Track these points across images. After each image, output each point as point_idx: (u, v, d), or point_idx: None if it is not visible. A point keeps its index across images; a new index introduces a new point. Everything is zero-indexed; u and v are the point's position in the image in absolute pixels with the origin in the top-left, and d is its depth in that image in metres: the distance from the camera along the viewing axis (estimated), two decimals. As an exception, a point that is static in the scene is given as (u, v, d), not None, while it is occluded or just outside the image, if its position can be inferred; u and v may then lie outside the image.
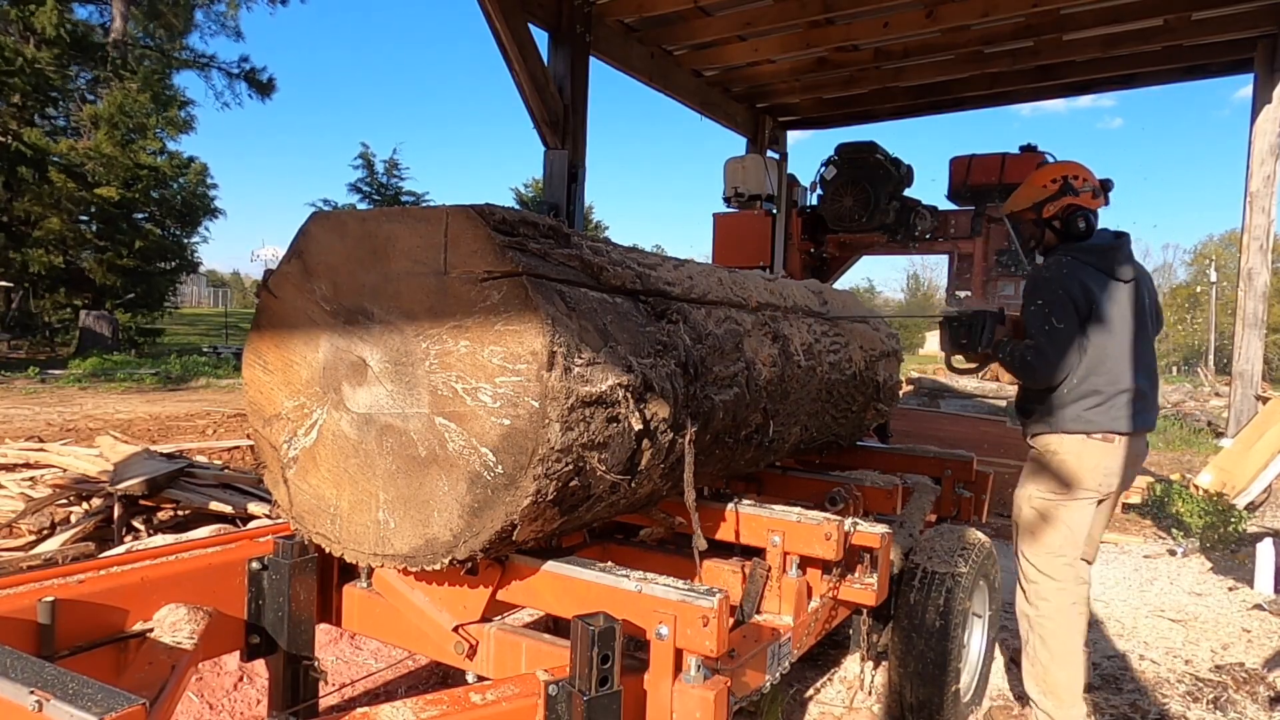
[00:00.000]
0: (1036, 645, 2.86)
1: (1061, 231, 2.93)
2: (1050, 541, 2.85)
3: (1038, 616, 2.87)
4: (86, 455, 5.16)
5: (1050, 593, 2.86)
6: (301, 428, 1.95)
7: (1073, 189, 2.90)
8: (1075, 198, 2.90)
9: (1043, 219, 2.95)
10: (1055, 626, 2.84)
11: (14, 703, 1.24)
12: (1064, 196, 2.91)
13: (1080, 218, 2.88)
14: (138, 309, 20.94)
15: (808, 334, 2.87)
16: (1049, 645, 2.84)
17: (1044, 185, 2.95)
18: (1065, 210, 2.90)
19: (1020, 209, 3.02)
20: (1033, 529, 2.89)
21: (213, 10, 26.21)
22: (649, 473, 1.99)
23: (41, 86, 17.98)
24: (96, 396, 11.39)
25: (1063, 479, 2.82)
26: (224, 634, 2.10)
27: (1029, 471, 2.94)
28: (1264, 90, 6.87)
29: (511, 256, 1.66)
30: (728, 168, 7.86)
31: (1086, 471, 2.79)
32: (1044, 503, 2.85)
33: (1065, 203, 2.90)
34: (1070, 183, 2.91)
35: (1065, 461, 2.81)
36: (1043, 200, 2.95)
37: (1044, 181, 2.96)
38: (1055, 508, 2.84)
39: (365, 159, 26.61)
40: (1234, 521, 5.65)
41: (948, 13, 6.76)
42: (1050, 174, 2.97)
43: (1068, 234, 2.91)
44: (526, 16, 6.18)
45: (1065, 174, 2.94)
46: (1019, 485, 2.97)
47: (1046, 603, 2.86)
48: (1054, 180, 2.94)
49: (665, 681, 1.71)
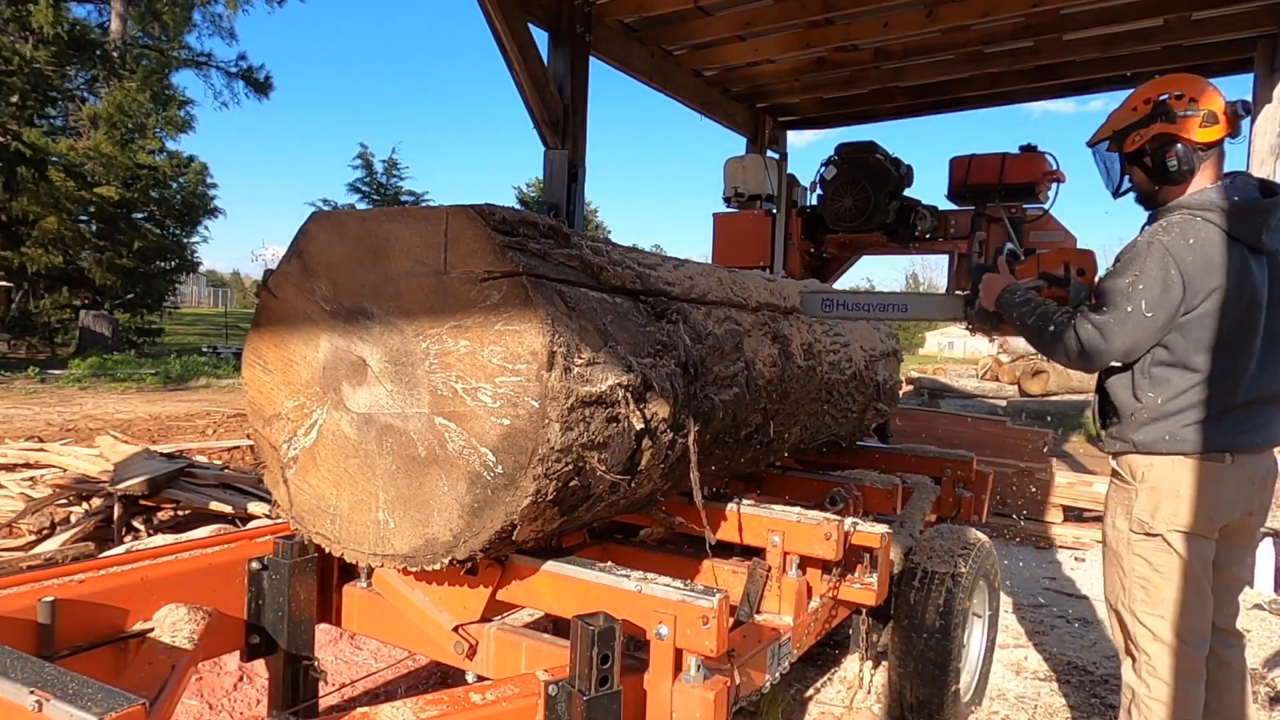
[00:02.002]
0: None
1: (1154, 171, 2.25)
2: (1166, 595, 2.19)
3: (1148, 697, 2.20)
4: (86, 455, 5.16)
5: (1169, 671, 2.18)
6: (301, 428, 1.95)
7: (1169, 113, 2.20)
8: (1171, 125, 2.19)
9: (1126, 153, 2.29)
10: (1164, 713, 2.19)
11: (14, 703, 1.24)
12: (1156, 122, 2.21)
13: (1172, 154, 2.19)
14: (137, 309, 20.95)
15: (807, 334, 2.87)
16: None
17: (1133, 108, 2.29)
18: (1156, 143, 2.22)
19: (1105, 136, 2.36)
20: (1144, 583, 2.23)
21: (209, 10, 26.24)
22: (649, 472, 1.99)
23: (40, 86, 17.97)
24: (96, 396, 11.38)
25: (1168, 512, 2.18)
26: (224, 634, 2.10)
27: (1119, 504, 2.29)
28: (1264, 90, 6.86)
29: (511, 256, 1.66)
30: (728, 168, 7.85)
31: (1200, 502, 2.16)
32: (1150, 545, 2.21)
33: (1157, 130, 2.21)
34: (1167, 105, 2.21)
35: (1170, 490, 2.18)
36: (1126, 127, 2.28)
37: (1135, 103, 2.30)
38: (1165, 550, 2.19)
39: (364, 159, 26.61)
40: (1234, 521, 5.63)
41: (948, 13, 6.75)
42: (1146, 93, 2.30)
43: (1163, 177, 2.23)
44: (526, 16, 6.17)
45: (1164, 92, 2.24)
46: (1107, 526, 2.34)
47: (1163, 685, 2.18)
48: (1146, 101, 2.26)
49: (665, 681, 1.71)
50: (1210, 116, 2.20)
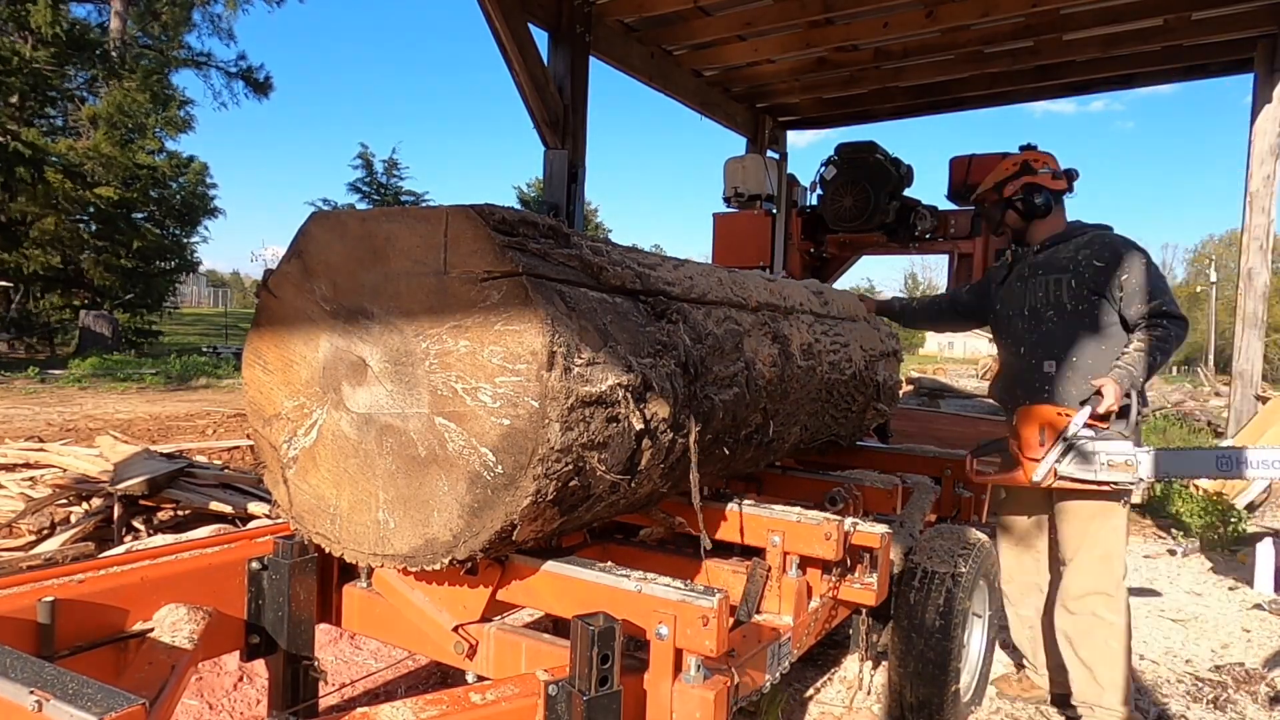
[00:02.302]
0: (1118, 654, 2.83)
1: (1022, 211, 3.10)
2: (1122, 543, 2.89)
3: (1123, 626, 2.85)
4: (86, 455, 5.16)
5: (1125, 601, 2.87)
6: (301, 428, 1.95)
7: (1031, 169, 3.10)
8: (1034, 177, 3.08)
9: (1003, 198, 3.13)
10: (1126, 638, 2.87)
11: (14, 703, 1.23)
12: (1022, 176, 3.09)
13: (1037, 193, 3.06)
14: (137, 309, 20.94)
15: (807, 334, 2.86)
16: (1125, 656, 2.85)
17: (1005, 169, 3.16)
18: (1023, 189, 3.08)
19: (984, 190, 3.22)
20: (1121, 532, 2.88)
21: (208, 10, 26.25)
22: (649, 473, 1.99)
23: (39, 86, 17.96)
24: (96, 396, 11.38)
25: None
26: (224, 634, 2.10)
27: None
28: (1264, 90, 6.86)
29: (511, 256, 1.66)
30: (728, 168, 7.85)
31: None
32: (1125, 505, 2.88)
33: (1024, 181, 3.08)
34: (1030, 164, 3.11)
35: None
36: (1003, 180, 3.14)
37: (1006, 166, 3.17)
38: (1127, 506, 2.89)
39: (365, 159, 26.65)
40: (1234, 521, 5.65)
41: (948, 13, 6.75)
42: (1013, 160, 3.17)
43: (1029, 213, 3.08)
44: (526, 16, 6.17)
45: (1025, 159, 3.15)
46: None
47: (1125, 613, 2.86)
48: (1014, 164, 3.14)
49: (665, 681, 1.71)
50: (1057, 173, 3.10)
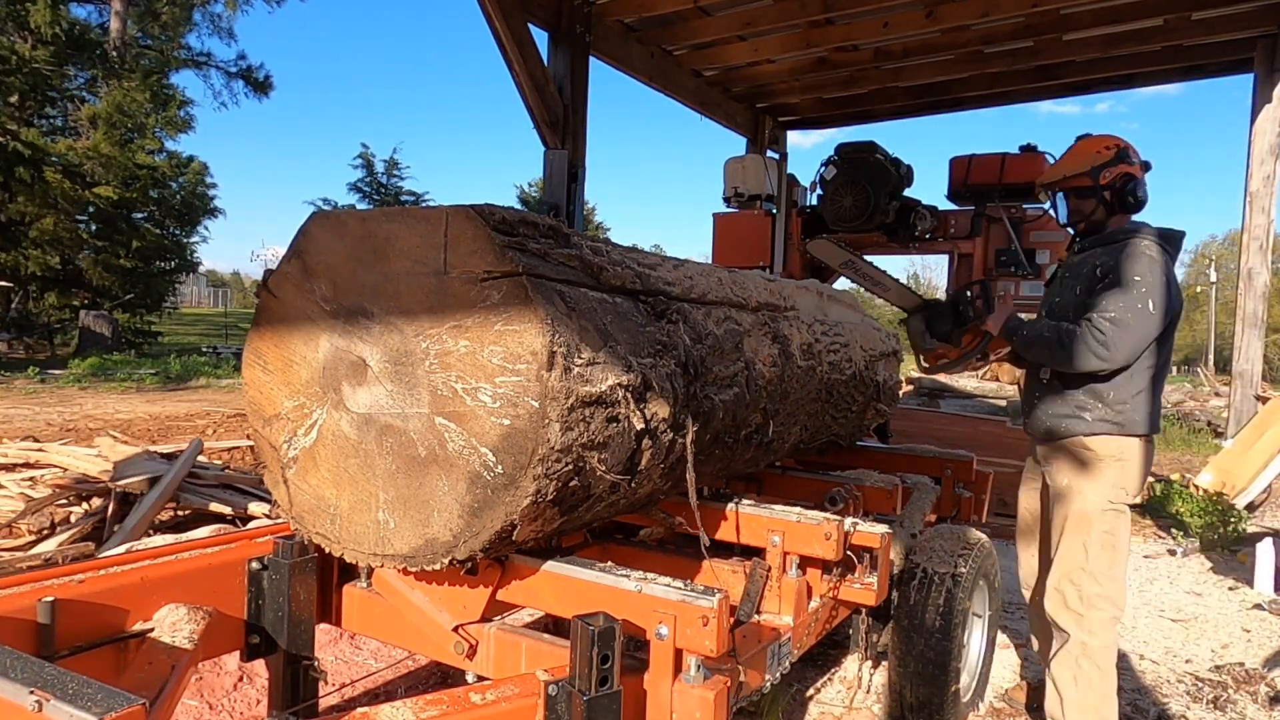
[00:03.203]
0: (1093, 677, 2.62)
1: (1112, 203, 2.73)
2: (1119, 556, 2.62)
3: (1099, 647, 2.62)
4: (86, 455, 5.15)
5: (1110, 621, 2.63)
6: (301, 428, 1.95)
7: (1129, 157, 2.74)
8: (1131, 166, 2.72)
9: (1099, 185, 2.73)
10: (1109, 658, 2.63)
11: (14, 703, 1.23)
12: (1121, 163, 2.72)
13: (1137, 185, 2.71)
14: (137, 309, 20.91)
15: (807, 334, 2.86)
16: (1106, 678, 2.62)
17: (1098, 151, 2.76)
18: (1122, 179, 2.71)
19: (1074, 173, 2.78)
20: (1106, 545, 2.62)
21: (208, 10, 26.25)
22: (649, 473, 1.99)
23: (39, 86, 17.95)
24: (96, 396, 11.38)
25: (1131, 483, 2.63)
26: (224, 634, 2.09)
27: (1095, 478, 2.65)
28: (1264, 90, 6.87)
29: (511, 256, 1.66)
30: (728, 168, 7.86)
31: (1145, 474, 2.65)
32: (1116, 515, 2.62)
33: (1123, 170, 2.71)
34: (1127, 152, 2.75)
35: (1136, 464, 2.62)
36: (1100, 165, 2.73)
37: (1098, 148, 2.78)
38: (1122, 517, 2.63)
39: (365, 159, 26.64)
40: (1234, 521, 5.65)
41: (948, 13, 6.76)
42: (1104, 141, 2.80)
43: (1121, 206, 2.72)
44: (526, 16, 6.18)
45: (1120, 145, 2.78)
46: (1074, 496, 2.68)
47: (1107, 633, 2.63)
48: (1107, 147, 2.76)
49: (665, 681, 1.71)
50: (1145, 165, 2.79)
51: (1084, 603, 2.63)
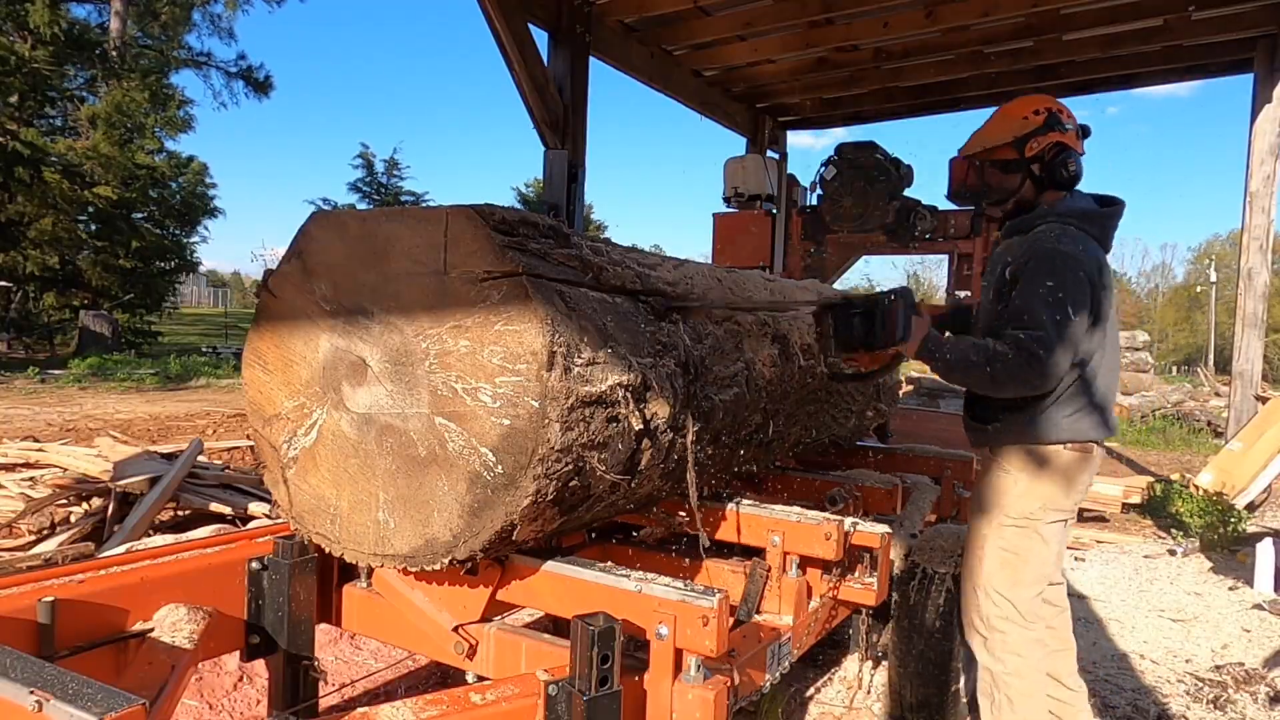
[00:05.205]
0: (1004, 706, 2.33)
1: (1041, 179, 2.33)
2: (1024, 576, 2.31)
3: (1005, 674, 2.32)
4: (86, 455, 5.15)
5: (1021, 644, 2.30)
6: (301, 428, 1.95)
7: (1060, 124, 2.31)
8: (1063, 134, 2.30)
9: (1025, 158, 2.32)
10: (1025, 685, 2.30)
11: (14, 703, 1.23)
12: (1050, 131, 2.30)
13: (1070, 160, 2.29)
14: (136, 309, 20.91)
15: (808, 334, 2.86)
16: (1017, 708, 2.30)
17: (1024, 117, 2.33)
18: (1052, 150, 2.29)
19: (994, 144, 2.37)
20: (1005, 564, 2.33)
21: (208, 10, 26.25)
22: (649, 473, 1.99)
23: (38, 86, 17.94)
24: (96, 396, 11.37)
25: (1045, 497, 2.30)
26: (224, 634, 2.09)
27: (997, 491, 2.36)
28: (1264, 90, 6.87)
29: (511, 256, 1.66)
30: (728, 168, 7.87)
31: (1073, 487, 2.31)
32: (1019, 531, 2.31)
33: (1053, 139, 2.29)
34: (1057, 115, 2.32)
35: (1050, 477, 2.30)
36: (1026, 134, 2.31)
37: (1024, 113, 2.34)
38: (1031, 534, 2.31)
39: (365, 159, 26.63)
40: (1234, 521, 5.65)
41: (948, 13, 6.75)
42: (1030, 105, 2.36)
43: (1052, 182, 2.32)
44: (526, 16, 6.18)
45: (1051, 107, 2.34)
46: (978, 511, 2.42)
47: (1018, 658, 2.30)
48: (1036, 111, 2.33)
49: (665, 681, 1.71)
50: (1079, 131, 2.36)
51: (985, 625, 2.36)
